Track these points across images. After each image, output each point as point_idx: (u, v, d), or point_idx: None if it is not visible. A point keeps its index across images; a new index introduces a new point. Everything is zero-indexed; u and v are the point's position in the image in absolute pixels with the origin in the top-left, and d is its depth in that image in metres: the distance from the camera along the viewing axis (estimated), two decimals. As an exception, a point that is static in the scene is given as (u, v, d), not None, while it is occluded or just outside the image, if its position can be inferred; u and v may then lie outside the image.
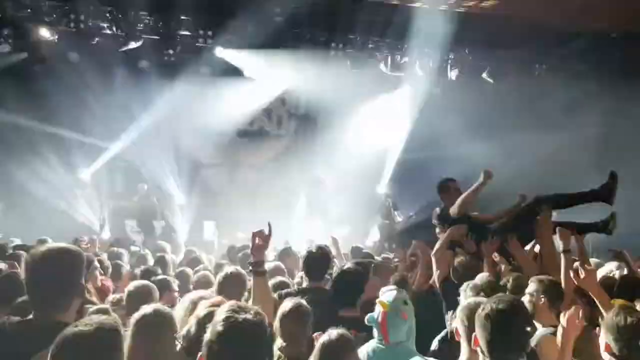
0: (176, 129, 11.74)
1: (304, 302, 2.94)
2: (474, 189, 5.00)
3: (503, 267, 4.65)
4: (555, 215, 5.19)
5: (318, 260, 3.83)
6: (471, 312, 2.45)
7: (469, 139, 10.66)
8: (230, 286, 3.39)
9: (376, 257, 6.46)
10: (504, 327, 2.20)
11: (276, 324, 2.79)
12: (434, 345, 3.50)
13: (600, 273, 4.52)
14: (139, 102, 10.78)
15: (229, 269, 3.74)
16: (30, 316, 2.20)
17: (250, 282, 3.38)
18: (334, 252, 5.25)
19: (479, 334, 2.25)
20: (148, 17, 10.56)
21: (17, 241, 6.86)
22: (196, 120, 11.40)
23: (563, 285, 3.49)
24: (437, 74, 11.88)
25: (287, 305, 2.88)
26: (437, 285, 4.37)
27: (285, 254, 5.76)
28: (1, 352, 2.03)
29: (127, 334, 2.32)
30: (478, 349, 2.26)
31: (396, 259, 6.64)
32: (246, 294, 3.45)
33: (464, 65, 12.06)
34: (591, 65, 11.66)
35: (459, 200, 5.08)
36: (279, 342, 2.78)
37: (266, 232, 2.82)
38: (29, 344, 1.97)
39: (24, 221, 9.40)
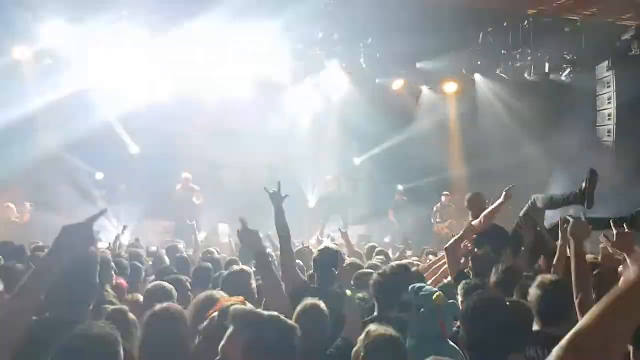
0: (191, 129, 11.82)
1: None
2: (494, 208, 4.98)
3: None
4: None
5: (326, 260, 3.77)
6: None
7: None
8: (233, 285, 3.40)
9: (391, 255, 6.42)
10: (483, 324, 2.07)
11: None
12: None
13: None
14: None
15: (233, 268, 3.75)
16: (46, 315, 2.24)
17: (254, 281, 3.48)
18: (345, 247, 5.24)
19: (462, 332, 2.13)
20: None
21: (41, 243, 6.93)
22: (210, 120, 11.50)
23: None
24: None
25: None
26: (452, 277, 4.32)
27: (301, 254, 5.72)
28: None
29: (139, 332, 2.35)
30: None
31: (414, 258, 6.57)
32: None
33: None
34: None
35: (482, 216, 5.07)
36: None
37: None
38: (40, 343, 2.00)
39: (50, 222, 9.53)
